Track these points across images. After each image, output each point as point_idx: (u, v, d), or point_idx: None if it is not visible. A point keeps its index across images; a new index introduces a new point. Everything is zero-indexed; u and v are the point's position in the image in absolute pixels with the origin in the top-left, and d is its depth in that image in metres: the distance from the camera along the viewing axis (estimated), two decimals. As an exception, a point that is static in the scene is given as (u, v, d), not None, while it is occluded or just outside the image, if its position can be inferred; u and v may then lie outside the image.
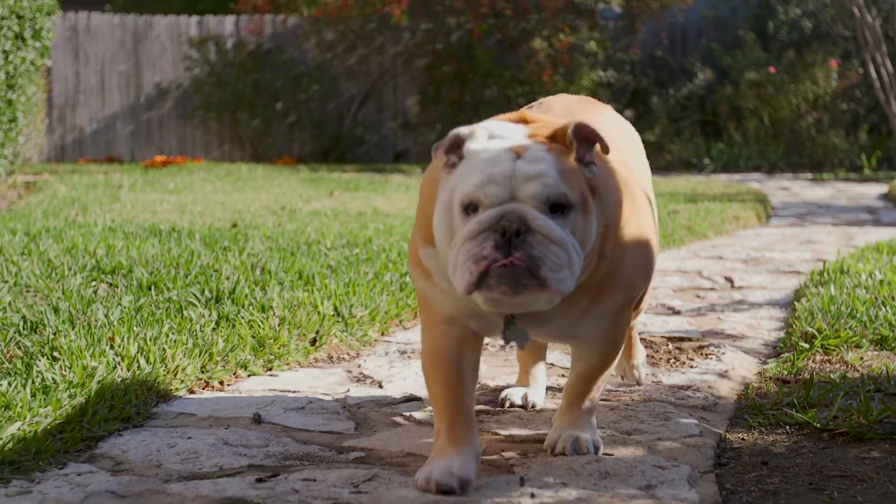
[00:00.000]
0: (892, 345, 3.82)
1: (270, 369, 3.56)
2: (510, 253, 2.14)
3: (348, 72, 16.89)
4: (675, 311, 4.73)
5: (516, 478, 2.42)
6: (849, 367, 3.57)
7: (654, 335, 4.13)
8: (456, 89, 16.26)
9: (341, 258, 5.22)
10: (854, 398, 3.09)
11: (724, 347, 3.92)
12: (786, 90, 15.75)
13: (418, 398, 3.22)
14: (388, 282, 4.63)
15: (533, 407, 3.09)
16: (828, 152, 15.56)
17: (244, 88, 16.09)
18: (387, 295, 4.38)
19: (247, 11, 16.68)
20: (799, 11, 17.02)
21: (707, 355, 3.80)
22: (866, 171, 14.77)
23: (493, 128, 2.36)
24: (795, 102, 15.74)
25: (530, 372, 3.14)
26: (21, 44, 8.67)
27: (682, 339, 4.07)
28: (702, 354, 3.81)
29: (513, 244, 2.14)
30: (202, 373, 3.34)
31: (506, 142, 2.29)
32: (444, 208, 2.30)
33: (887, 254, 5.81)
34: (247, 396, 3.20)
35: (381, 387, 3.38)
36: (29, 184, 10.82)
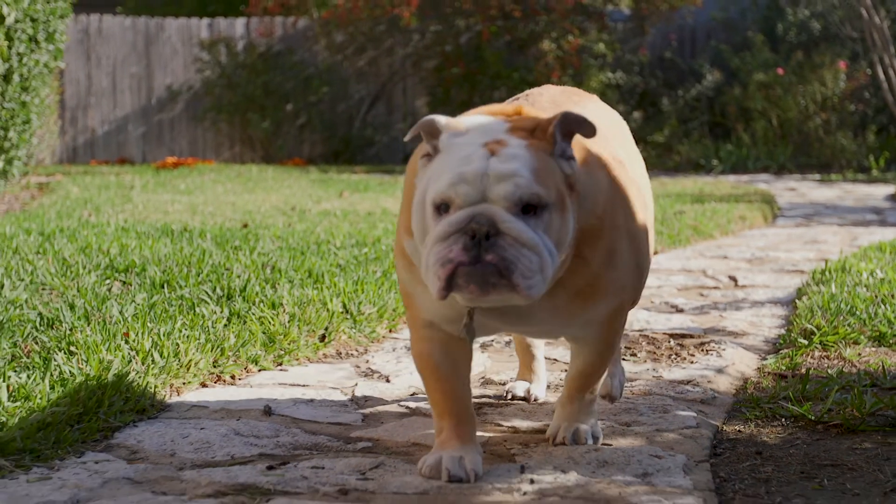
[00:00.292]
0: (890, 341, 3.89)
1: (280, 364, 3.65)
2: (479, 256, 2.10)
3: (358, 73, 16.97)
4: (678, 309, 4.81)
5: (517, 466, 2.52)
6: (846, 362, 3.65)
7: (657, 332, 4.20)
8: (465, 91, 16.31)
9: (350, 257, 5.31)
10: (849, 392, 3.17)
11: (725, 344, 3.99)
12: (794, 91, 15.78)
13: (424, 392, 3.31)
14: (397, 280, 4.72)
15: (535, 400, 3.17)
16: (836, 153, 15.60)
17: (255, 90, 16.17)
18: (394, 293, 4.47)
19: (257, 14, 16.78)
20: (808, 13, 17.06)
21: (707, 351, 3.87)
22: (874, 172, 14.80)
23: (472, 120, 2.30)
24: (804, 104, 15.77)
25: (531, 367, 3.22)
26: (35, 46, 8.76)
27: (683, 335, 4.15)
28: (702, 351, 3.88)
29: (483, 247, 2.10)
30: (214, 367, 3.43)
31: (483, 136, 2.23)
32: (419, 204, 2.26)
33: (890, 253, 5.87)
34: (257, 390, 3.29)
35: (389, 381, 3.47)
36: (42, 185, 10.93)
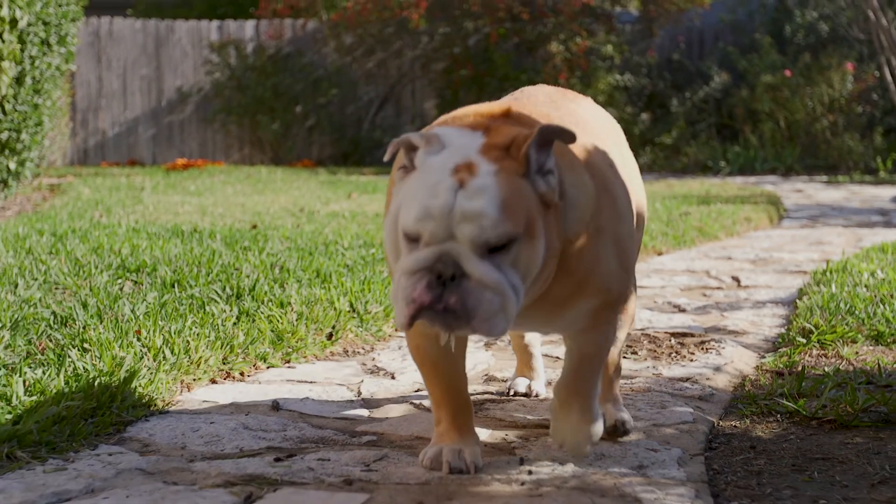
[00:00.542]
0: (888, 340, 3.95)
1: (288, 361, 3.73)
2: (443, 296, 2.16)
3: (367, 75, 17.05)
4: (680, 309, 4.87)
5: (517, 458, 2.60)
6: (843, 360, 3.71)
7: (658, 330, 4.27)
8: (473, 93, 16.37)
9: (357, 257, 5.38)
10: (844, 389, 3.24)
11: (725, 342, 4.06)
12: (802, 93, 15.83)
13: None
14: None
15: (536, 395, 3.25)
16: (843, 155, 15.64)
17: (264, 92, 16.27)
18: (401, 292, 4.54)
19: (266, 16, 16.89)
20: (815, 15, 17.10)
21: (707, 350, 3.94)
22: (881, 174, 14.84)
23: (447, 136, 2.30)
24: (811, 105, 15.82)
25: (529, 364, 3.30)
26: (47, 49, 8.85)
27: (684, 334, 4.21)
28: (703, 349, 3.95)
29: (447, 287, 2.15)
30: (224, 364, 3.51)
31: (454, 157, 2.23)
32: (392, 222, 2.29)
33: (891, 254, 5.93)
34: (266, 386, 3.38)
35: (394, 378, 3.55)
36: (53, 186, 11.03)
